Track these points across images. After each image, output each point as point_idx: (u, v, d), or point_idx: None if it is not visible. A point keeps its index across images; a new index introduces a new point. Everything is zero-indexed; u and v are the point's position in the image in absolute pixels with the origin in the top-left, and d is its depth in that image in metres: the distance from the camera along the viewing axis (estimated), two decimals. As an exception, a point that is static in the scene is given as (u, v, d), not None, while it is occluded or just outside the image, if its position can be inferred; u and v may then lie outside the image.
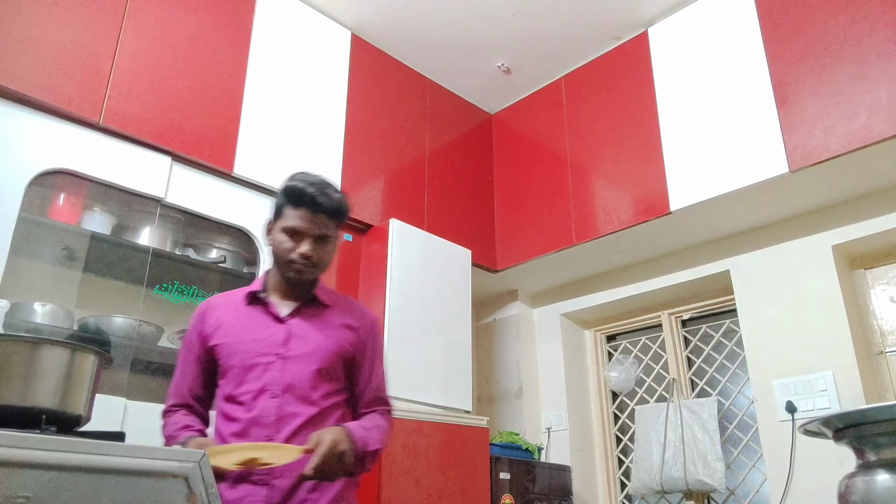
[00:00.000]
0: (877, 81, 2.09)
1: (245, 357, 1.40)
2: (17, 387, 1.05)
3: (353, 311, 1.54)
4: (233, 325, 1.45)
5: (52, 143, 1.91)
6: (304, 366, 1.40)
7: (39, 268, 2.01)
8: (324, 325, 1.47)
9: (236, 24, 2.44)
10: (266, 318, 1.45)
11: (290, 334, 1.43)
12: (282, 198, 1.48)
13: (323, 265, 1.46)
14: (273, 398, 1.36)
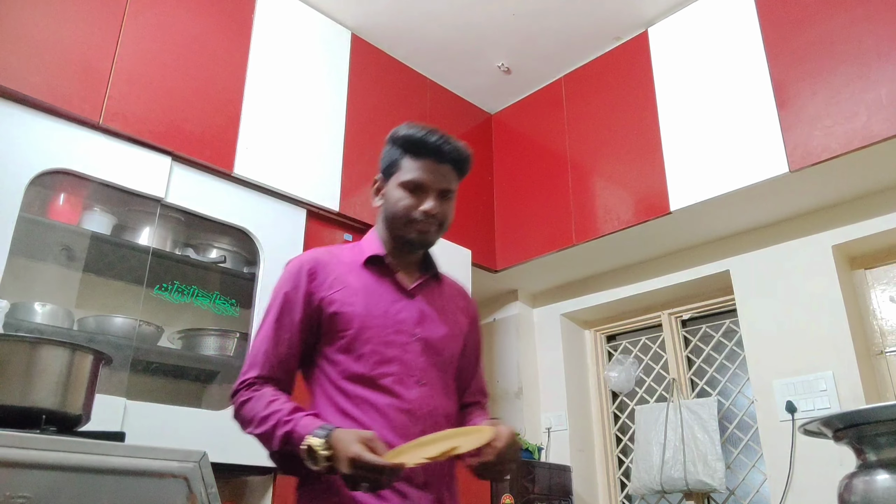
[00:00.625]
0: (877, 81, 2.09)
1: (381, 332, 1.20)
2: (16, 387, 1.05)
3: (460, 291, 1.39)
4: (358, 290, 1.23)
5: (52, 143, 1.91)
6: (441, 351, 1.24)
7: (39, 268, 2.01)
8: (445, 305, 1.31)
9: (236, 24, 2.44)
10: (392, 290, 1.26)
11: (423, 313, 1.25)
12: (396, 150, 1.28)
13: (446, 226, 1.29)
14: (422, 386, 1.19)
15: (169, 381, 2.23)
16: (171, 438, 1.88)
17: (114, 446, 0.80)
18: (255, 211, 2.32)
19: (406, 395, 1.17)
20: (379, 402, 1.16)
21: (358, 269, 1.27)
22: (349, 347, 1.19)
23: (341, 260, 1.29)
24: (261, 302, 2.24)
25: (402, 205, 1.24)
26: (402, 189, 1.25)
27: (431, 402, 1.19)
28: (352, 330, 1.20)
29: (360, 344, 1.19)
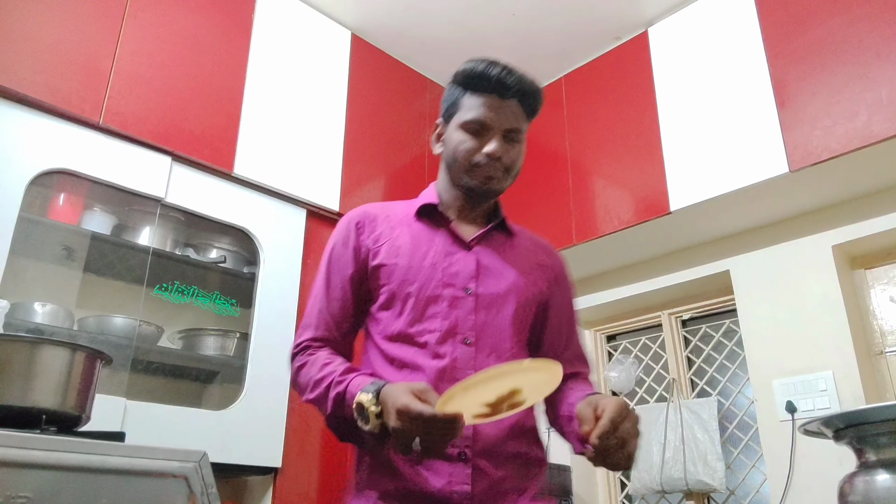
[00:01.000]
0: (877, 81, 2.09)
1: (425, 286, 1.09)
2: (16, 387, 1.05)
3: (541, 245, 1.24)
4: (405, 242, 1.14)
5: (52, 143, 1.91)
6: (500, 308, 1.09)
7: (39, 268, 2.01)
8: (516, 258, 1.17)
9: (236, 24, 2.44)
10: (447, 241, 1.14)
11: (481, 266, 1.12)
12: (457, 88, 1.16)
13: (514, 172, 1.16)
14: (467, 345, 1.05)
15: (169, 381, 2.23)
16: (171, 438, 1.88)
17: (114, 446, 0.80)
18: (255, 211, 2.32)
19: (448, 354, 1.05)
20: (418, 363, 1.05)
21: (410, 221, 1.17)
22: (389, 303, 1.10)
23: (393, 212, 1.19)
24: (261, 302, 2.25)
25: (462, 148, 1.12)
26: (462, 131, 1.12)
27: (479, 363, 1.05)
28: (392, 284, 1.10)
29: (401, 299, 1.09)
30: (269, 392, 2.16)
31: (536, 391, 0.89)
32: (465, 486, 0.98)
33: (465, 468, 1.00)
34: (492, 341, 1.07)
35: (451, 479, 0.99)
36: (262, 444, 2.09)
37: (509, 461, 1.04)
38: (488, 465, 1.01)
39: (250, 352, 2.17)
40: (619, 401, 0.91)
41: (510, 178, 1.16)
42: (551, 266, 1.22)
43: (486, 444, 1.02)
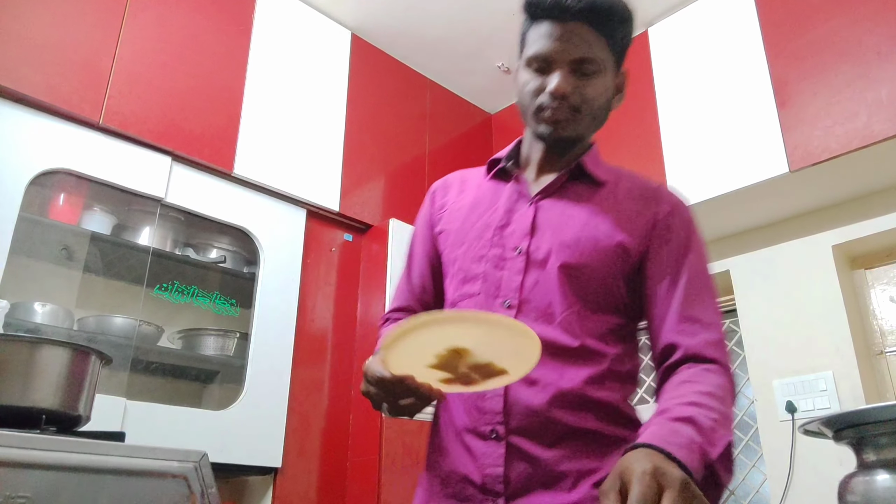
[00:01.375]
0: (877, 81, 2.09)
1: (472, 247, 0.98)
2: (16, 387, 1.05)
3: (643, 191, 1.01)
4: (465, 205, 1.05)
5: (52, 143, 1.91)
6: (553, 266, 0.93)
7: (39, 268, 2.01)
8: (593, 209, 0.97)
9: (236, 24, 2.44)
10: (511, 197, 1.01)
11: (539, 220, 0.97)
12: (524, 19, 1.01)
13: (590, 109, 0.96)
14: (507, 309, 0.92)
15: (169, 381, 2.23)
16: (171, 438, 1.88)
17: (114, 446, 0.80)
18: (255, 211, 2.32)
19: None
20: None
21: (481, 181, 1.07)
22: (446, 271, 1.03)
23: (472, 175, 1.11)
24: (261, 302, 2.25)
25: (526, 90, 0.97)
26: (526, 69, 0.98)
27: None
28: (447, 249, 1.03)
29: (451, 264, 1.01)
30: (269, 392, 2.16)
31: (510, 356, 0.74)
32: (496, 468, 0.86)
33: (497, 447, 0.87)
34: (542, 304, 0.91)
35: (483, 460, 0.87)
36: (262, 444, 2.09)
37: (563, 440, 0.87)
38: (530, 445, 0.86)
39: (250, 352, 2.17)
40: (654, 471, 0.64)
41: (587, 120, 0.97)
42: (650, 214, 0.97)
43: (525, 418, 0.87)
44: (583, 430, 0.87)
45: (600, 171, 1.02)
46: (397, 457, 2.18)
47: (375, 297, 2.51)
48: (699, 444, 0.73)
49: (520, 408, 0.87)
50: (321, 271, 2.48)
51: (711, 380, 0.84)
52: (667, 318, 0.92)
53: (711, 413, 0.78)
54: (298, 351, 2.29)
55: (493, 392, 0.88)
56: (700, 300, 0.93)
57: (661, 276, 0.95)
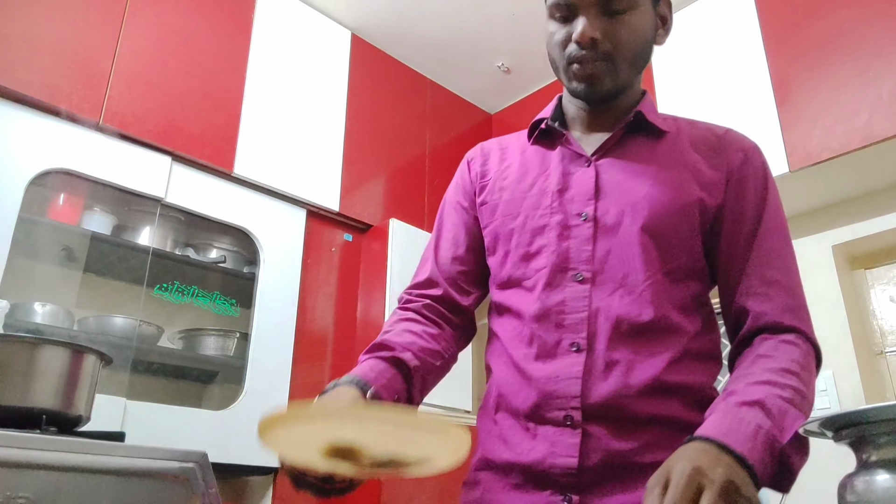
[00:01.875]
0: (878, 79, 2.09)
1: (530, 216, 0.88)
2: (17, 387, 1.05)
3: (709, 137, 0.91)
4: (512, 172, 0.95)
5: (52, 143, 1.91)
6: (629, 230, 0.83)
7: (39, 268, 2.01)
8: (659, 163, 0.88)
9: (236, 24, 2.44)
10: (563, 159, 0.91)
11: (602, 182, 0.87)
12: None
13: (627, 53, 0.86)
14: (580, 283, 0.83)
15: (169, 381, 2.23)
16: (172, 438, 1.88)
17: (114, 446, 0.80)
18: (255, 211, 2.32)
19: (553, 294, 0.84)
20: (520, 309, 0.86)
21: (524, 147, 0.97)
22: (494, 246, 0.92)
23: (511, 142, 1.01)
24: (261, 302, 2.24)
25: (553, 42, 0.87)
26: (551, 20, 0.88)
27: (597, 302, 0.82)
28: (495, 222, 0.92)
29: (504, 238, 0.91)
30: (269, 392, 2.16)
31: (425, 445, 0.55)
32: (569, 458, 0.77)
33: (571, 436, 0.78)
34: (619, 274, 0.82)
35: (552, 448, 0.78)
36: (263, 444, 2.09)
37: (644, 428, 0.78)
38: (607, 433, 0.78)
39: (250, 352, 2.17)
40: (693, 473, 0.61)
41: (625, 67, 0.86)
42: (723, 165, 0.87)
43: (604, 404, 0.78)
44: (666, 419, 0.79)
45: (659, 120, 0.91)
46: (397, 457, 2.18)
47: (375, 297, 2.51)
48: (766, 431, 0.69)
49: (599, 392, 0.78)
50: (321, 271, 2.48)
51: (789, 353, 0.78)
52: (743, 279, 0.83)
53: (785, 392, 0.73)
54: (298, 351, 2.29)
55: (569, 374, 0.79)
56: (779, 259, 0.85)
57: (738, 234, 0.85)
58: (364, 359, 0.85)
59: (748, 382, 0.75)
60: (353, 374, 0.80)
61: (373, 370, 0.82)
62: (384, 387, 0.81)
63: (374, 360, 0.84)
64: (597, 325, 0.81)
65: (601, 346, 0.80)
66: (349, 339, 2.48)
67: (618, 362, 0.79)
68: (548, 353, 0.83)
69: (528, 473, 0.80)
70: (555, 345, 0.82)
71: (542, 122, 0.96)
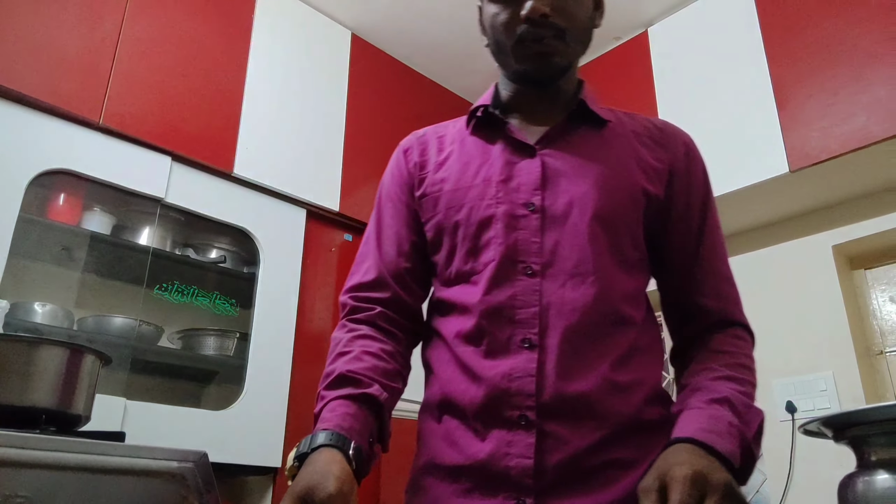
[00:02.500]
0: (875, 82, 2.09)
1: (475, 208, 0.84)
2: (16, 387, 1.05)
3: (650, 128, 0.92)
4: (453, 162, 0.90)
5: (52, 143, 1.91)
6: (579, 220, 0.81)
7: (39, 268, 2.01)
8: (604, 153, 0.86)
9: (236, 24, 2.44)
10: (505, 149, 0.88)
11: (548, 172, 0.84)
12: None
13: (576, 29, 0.85)
14: (531, 277, 0.80)
15: (168, 381, 2.23)
16: (171, 438, 1.88)
17: (113, 446, 0.79)
18: (255, 211, 2.32)
19: (503, 289, 0.80)
20: (468, 306, 0.82)
21: (462, 136, 0.93)
22: (439, 240, 0.88)
23: (449, 130, 0.97)
24: (261, 302, 2.24)
25: (497, 23, 0.86)
26: (490, 2, 0.87)
27: (548, 296, 0.79)
28: (438, 215, 0.88)
29: (449, 232, 0.86)
30: (268, 392, 2.16)
31: None
32: (525, 459, 0.75)
33: (527, 435, 0.75)
34: (568, 266, 0.79)
35: (507, 450, 0.76)
36: (262, 444, 2.09)
37: (602, 424, 0.76)
38: (564, 432, 0.75)
39: (250, 352, 2.17)
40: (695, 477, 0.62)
41: (575, 42, 0.85)
42: (666, 158, 0.88)
43: (560, 401, 0.76)
44: (624, 414, 0.77)
45: (601, 109, 0.92)
46: (396, 457, 2.18)
47: (375, 298, 2.50)
48: (737, 428, 0.71)
49: (554, 389, 0.76)
50: (321, 271, 2.48)
51: (741, 348, 0.82)
52: (695, 276, 0.84)
53: (745, 388, 0.76)
54: (298, 351, 2.29)
55: (523, 371, 0.77)
56: (723, 253, 0.87)
57: (689, 230, 0.85)
58: (332, 396, 0.80)
59: (712, 378, 0.77)
60: (330, 430, 0.75)
61: (346, 418, 0.77)
62: (359, 433, 0.78)
63: (344, 402, 0.79)
64: (549, 320, 0.78)
65: (553, 342, 0.77)
66: (349, 340, 2.47)
67: (571, 358, 0.77)
68: (498, 350, 0.79)
69: (479, 477, 0.77)
70: (506, 341, 0.79)
71: (479, 110, 0.93)
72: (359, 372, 0.82)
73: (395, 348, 0.89)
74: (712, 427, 0.70)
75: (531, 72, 0.87)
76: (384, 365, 0.86)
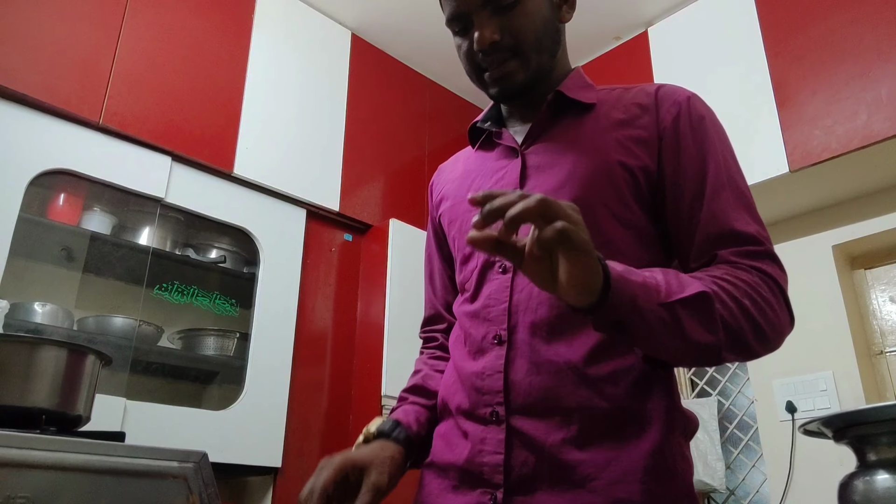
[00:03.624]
0: (877, 80, 2.09)
1: (466, 219, 0.89)
2: (16, 387, 1.05)
3: (640, 98, 0.86)
4: (456, 178, 0.97)
5: (52, 143, 1.91)
6: None
7: (39, 268, 2.01)
8: (583, 137, 0.85)
9: (236, 24, 2.43)
10: (496, 157, 0.92)
11: (528, 169, 0.86)
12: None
13: (530, 40, 0.85)
14: (503, 273, 0.82)
15: (169, 381, 2.22)
16: (171, 438, 1.88)
17: (114, 446, 0.80)
18: (255, 211, 2.32)
19: (483, 291, 0.83)
20: (462, 313, 0.88)
21: (469, 155, 0.99)
22: (453, 257, 0.95)
23: (462, 155, 1.03)
24: (261, 302, 2.24)
25: (461, 53, 0.88)
26: (455, 36, 0.89)
27: (514, 292, 0.79)
28: (448, 236, 0.95)
29: (453, 247, 0.94)
30: (269, 392, 2.16)
31: None
32: (496, 455, 0.76)
33: (497, 432, 0.76)
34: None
35: (481, 446, 0.77)
36: (262, 444, 2.09)
37: (572, 420, 0.74)
38: (534, 427, 0.75)
39: (250, 352, 2.17)
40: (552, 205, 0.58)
41: (536, 52, 0.86)
42: (653, 124, 0.82)
43: (528, 396, 0.76)
44: (597, 408, 0.74)
45: (586, 93, 0.89)
46: (397, 457, 2.18)
47: (375, 298, 2.50)
48: (656, 283, 0.65)
49: (522, 385, 0.76)
50: (321, 271, 2.48)
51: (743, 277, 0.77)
52: (694, 241, 0.78)
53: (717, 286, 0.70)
54: (298, 351, 2.29)
55: (493, 368, 0.78)
56: (734, 196, 0.79)
57: (681, 201, 0.79)
58: (410, 400, 0.94)
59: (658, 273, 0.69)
60: (406, 426, 0.88)
61: (417, 423, 0.90)
62: (424, 437, 0.91)
63: (416, 408, 0.92)
64: (518, 316, 0.79)
65: (522, 337, 0.78)
66: (349, 340, 2.48)
67: (539, 352, 0.76)
68: (478, 350, 0.82)
69: (462, 473, 0.80)
70: (481, 340, 0.82)
71: (472, 127, 0.98)
72: (428, 387, 0.94)
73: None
74: (629, 270, 0.65)
75: (498, 95, 0.89)
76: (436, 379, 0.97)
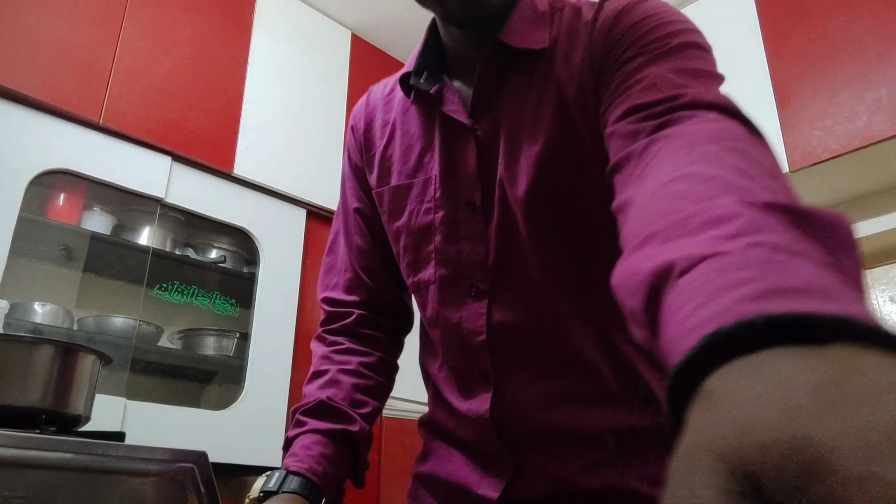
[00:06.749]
0: (877, 81, 2.09)
1: (414, 215, 0.71)
2: (16, 387, 1.05)
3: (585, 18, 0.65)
4: (395, 146, 0.75)
5: (52, 143, 1.91)
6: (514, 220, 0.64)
7: (39, 268, 2.01)
8: (533, 101, 0.64)
9: (236, 24, 2.44)
10: (444, 124, 0.70)
11: (483, 150, 0.67)
12: None
13: None
14: (475, 298, 0.68)
15: (168, 381, 2.23)
16: (171, 438, 1.88)
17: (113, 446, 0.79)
18: (255, 211, 2.32)
19: (449, 311, 0.68)
20: (425, 321, 0.73)
21: (406, 107, 0.77)
22: (391, 244, 0.76)
23: (396, 96, 0.81)
24: (261, 302, 2.24)
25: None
26: None
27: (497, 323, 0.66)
28: (384, 215, 0.76)
29: (394, 238, 0.74)
30: (269, 392, 2.16)
31: None
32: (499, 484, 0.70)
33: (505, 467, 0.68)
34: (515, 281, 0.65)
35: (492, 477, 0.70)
36: (262, 445, 2.09)
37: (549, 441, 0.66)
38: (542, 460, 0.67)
39: (250, 352, 2.17)
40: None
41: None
42: (590, 44, 0.63)
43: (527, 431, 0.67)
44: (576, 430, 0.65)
45: (536, 33, 0.66)
46: (397, 457, 2.18)
47: (375, 297, 2.50)
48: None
49: (518, 423, 0.67)
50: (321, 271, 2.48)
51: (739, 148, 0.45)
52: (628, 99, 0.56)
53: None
54: (298, 351, 2.29)
55: (478, 410, 0.68)
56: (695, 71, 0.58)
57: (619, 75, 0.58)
58: (309, 428, 0.71)
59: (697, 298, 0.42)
60: (304, 474, 0.67)
61: (322, 461, 0.69)
62: (332, 479, 0.70)
63: (322, 440, 0.71)
64: (499, 351, 0.66)
65: (510, 373, 0.67)
66: (349, 340, 2.48)
67: (530, 388, 0.66)
68: (462, 382, 0.71)
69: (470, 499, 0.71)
70: (465, 372, 0.70)
71: (406, 76, 0.76)
72: (337, 401, 0.73)
73: (378, 356, 0.81)
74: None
75: (458, 15, 0.66)
76: (364, 382, 0.77)
